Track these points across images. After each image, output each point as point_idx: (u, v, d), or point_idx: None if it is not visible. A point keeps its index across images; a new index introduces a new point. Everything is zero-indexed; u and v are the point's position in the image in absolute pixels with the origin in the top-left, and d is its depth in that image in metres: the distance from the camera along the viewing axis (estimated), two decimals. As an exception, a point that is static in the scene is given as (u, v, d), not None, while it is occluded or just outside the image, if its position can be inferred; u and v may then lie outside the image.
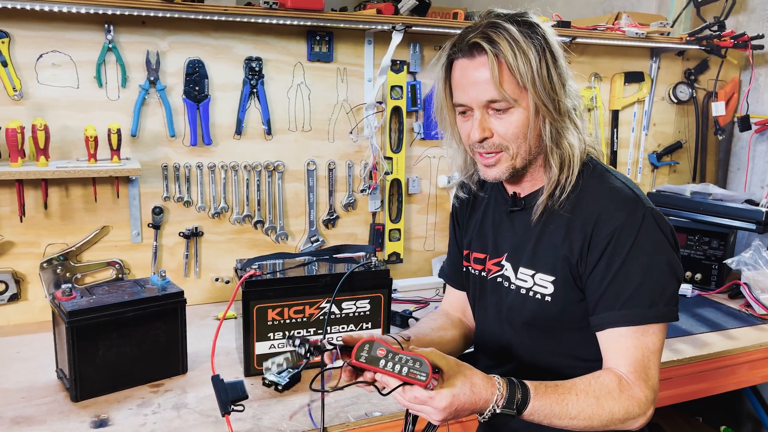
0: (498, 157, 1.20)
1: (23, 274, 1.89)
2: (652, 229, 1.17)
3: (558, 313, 1.24)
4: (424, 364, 0.99)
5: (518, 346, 1.31)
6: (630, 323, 1.15)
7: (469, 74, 1.17)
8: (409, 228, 2.37)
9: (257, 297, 1.55)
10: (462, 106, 1.21)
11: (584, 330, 1.23)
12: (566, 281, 1.22)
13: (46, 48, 1.81)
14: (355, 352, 1.02)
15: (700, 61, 2.72)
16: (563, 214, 1.21)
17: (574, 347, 1.27)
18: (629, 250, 1.15)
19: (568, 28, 2.33)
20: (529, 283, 1.26)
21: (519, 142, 1.18)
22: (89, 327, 1.44)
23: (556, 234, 1.22)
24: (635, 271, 1.15)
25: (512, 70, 1.13)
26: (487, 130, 1.18)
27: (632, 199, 1.19)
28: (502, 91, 1.13)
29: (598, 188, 1.22)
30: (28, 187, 1.83)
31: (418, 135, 2.31)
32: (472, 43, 1.15)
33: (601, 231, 1.17)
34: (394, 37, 2.07)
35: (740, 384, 1.94)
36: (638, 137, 2.71)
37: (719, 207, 2.31)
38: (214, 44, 1.98)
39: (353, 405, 1.45)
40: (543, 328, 1.27)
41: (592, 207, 1.19)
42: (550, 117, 1.16)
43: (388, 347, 1.02)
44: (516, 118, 1.16)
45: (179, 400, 1.46)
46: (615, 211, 1.17)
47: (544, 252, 1.24)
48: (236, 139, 2.06)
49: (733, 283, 2.27)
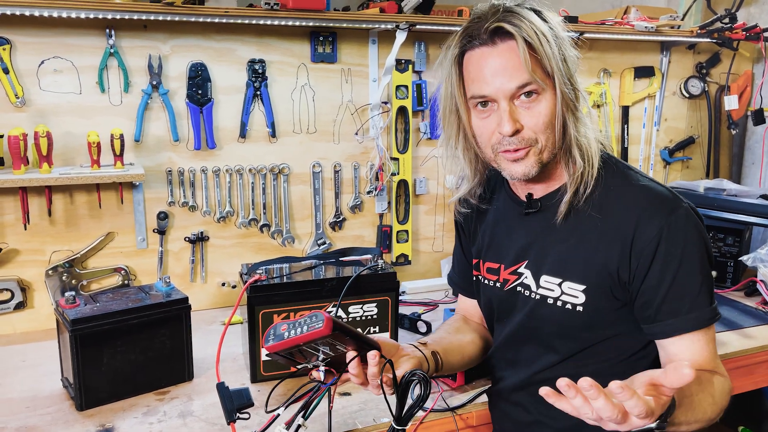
0: (527, 151, 1.12)
1: (29, 281, 1.88)
2: (695, 225, 1.12)
3: (589, 323, 1.17)
4: (318, 315, 0.98)
5: (540, 357, 1.26)
6: (698, 327, 1.10)
7: (492, 63, 1.09)
8: (417, 229, 2.34)
9: (263, 302, 1.53)
10: (483, 98, 1.12)
11: (613, 336, 1.19)
12: (600, 290, 1.15)
13: (48, 54, 1.80)
14: (264, 339, 1.03)
15: (711, 55, 2.67)
16: (592, 215, 1.14)
17: (600, 353, 1.21)
18: (683, 250, 1.09)
19: (575, 23, 2.29)
20: (556, 292, 1.19)
21: (548, 134, 1.11)
22: (93, 335, 1.42)
23: (587, 239, 1.15)
24: (694, 271, 1.10)
25: (539, 53, 1.06)
26: (518, 122, 1.10)
27: (669, 197, 1.13)
28: (533, 75, 1.06)
29: (628, 188, 1.15)
30: (32, 194, 1.82)
31: (424, 135, 2.28)
32: (494, 29, 1.08)
33: (644, 234, 1.10)
34: (398, 36, 2.04)
35: (758, 384, 1.89)
36: (649, 133, 2.66)
37: (734, 203, 2.26)
38: (216, 47, 1.96)
39: (361, 411, 1.42)
40: (571, 338, 1.21)
41: (626, 208, 1.13)
42: (573, 106, 1.11)
43: (288, 321, 1.01)
44: (544, 107, 1.10)
45: (185, 408, 1.44)
46: (655, 212, 1.10)
47: (573, 259, 1.17)
48: (240, 143, 2.04)
49: (749, 281, 2.22)
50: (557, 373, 1.25)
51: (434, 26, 2.10)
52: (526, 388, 1.29)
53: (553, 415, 1.27)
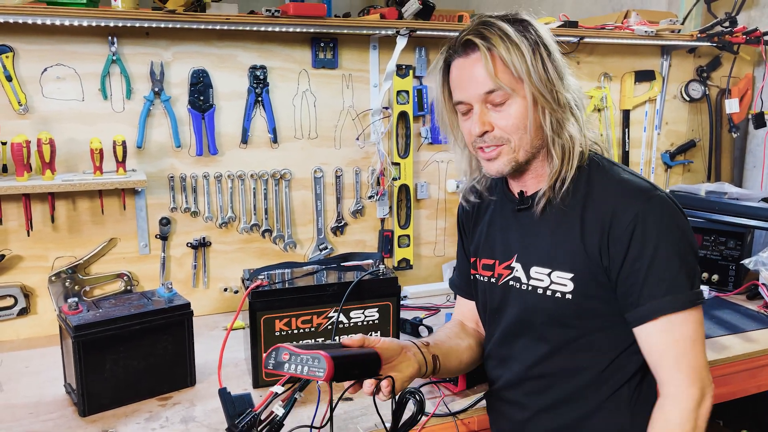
0: (499, 150, 1.21)
1: (32, 287, 1.89)
2: (673, 211, 1.17)
3: (579, 310, 1.22)
4: (321, 361, 1.01)
5: (534, 350, 1.28)
6: (675, 309, 1.13)
7: (465, 72, 1.20)
8: (419, 234, 2.35)
9: (264, 308, 1.53)
10: (462, 105, 1.22)
11: (605, 326, 1.22)
12: (587, 278, 1.20)
13: (51, 61, 1.81)
14: (264, 360, 1.06)
15: (712, 58, 2.67)
16: (576, 208, 1.21)
17: (593, 344, 1.24)
18: (658, 234, 1.14)
19: (575, 28, 2.30)
20: (545, 282, 1.24)
21: (520, 134, 1.19)
22: (96, 341, 1.43)
23: (572, 230, 1.21)
24: (670, 255, 1.14)
25: (505, 61, 1.15)
26: (487, 123, 1.19)
27: (645, 187, 1.19)
28: (497, 81, 1.15)
29: (608, 181, 1.21)
30: (35, 200, 1.83)
31: (425, 140, 2.28)
32: (465, 41, 1.18)
33: (620, 221, 1.16)
34: (398, 42, 2.05)
35: (761, 387, 1.89)
36: (650, 137, 2.66)
37: (735, 206, 2.26)
38: (218, 53, 1.97)
39: (363, 416, 1.42)
40: (563, 326, 1.24)
41: (604, 199, 1.19)
42: (549, 108, 1.17)
43: (291, 350, 1.04)
44: (515, 110, 1.18)
45: (187, 414, 1.45)
46: (631, 199, 1.17)
47: (560, 249, 1.22)
48: (242, 148, 2.05)
49: (751, 284, 2.22)
50: (551, 367, 1.26)
51: (434, 32, 2.11)
52: (521, 385, 1.31)
53: (550, 410, 1.28)
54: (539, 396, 1.29)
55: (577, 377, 1.25)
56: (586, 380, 1.24)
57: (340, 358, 1.02)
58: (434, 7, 2.11)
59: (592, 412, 1.25)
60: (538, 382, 1.29)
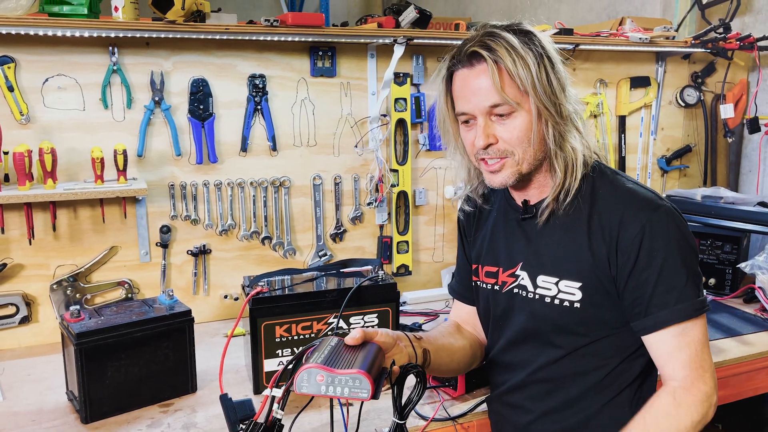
0: (503, 162, 1.21)
1: (34, 296, 1.90)
2: (678, 222, 1.19)
3: (586, 318, 1.23)
4: (363, 381, 0.98)
5: (540, 356, 1.29)
6: (686, 317, 1.16)
7: (469, 83, 1.19)
8: (417, 240, 2.36)
9: (264, 314, 1.55)
10: (465, 115, 1.22)
11: (611, 333, 1.24)
12: (594, 286, 1.21)
13: (52, 72, 1.83)
14: (296, 383, 1.01)
15: (706, 64, 2.70)
16: (582, 217, 1.22)
17: (598, 349, 1.25)
18: (666, 245, 1.16)
19: (570, 35, 2.32)
20: (553, 291, 1.25)
21: (524, 147, 1.19)
22: (98, 348, 1.44)
23: (578, 240, 1.22)
24: (678, 264, 1.16)
25: (512, 75, 1.15)
26: (491, 136, 1.19)
27: (650, 197, 1.21)
28: (504, 95, 1.15)
29: (614, 191, 1.23)
30: (37, 209, 1.85)
31: (423, 146, 2.30)
32: (471, 53, 1.18)
33: (628, 232, 1.17)
34: (396, 50, 2.07)
35: (758, 390, 1.90)
36: (646, 142, 2.68)
37: (731, 210, 2.28)
38: (217, 63, 1.99)
39: (363, 421, 1.43)
40: (570, 333, 1.25)
41: (611, 209, 1.21)
42: (553, 120, 1.18)
43: (326, 371, 1.00)
44: (519, 123, 1.18)
45: (189, 420, 1.46)
46: (638, 210, 1.18)
47: (567, 258, 1.23)
48: (242, 156, 2.07)
49: (747, 288, 2.24)
50: (556, 371, 1.27)
51: (431, 40, 2.13)
52: (525, 388, 1.32)
53: (553, 413, 1.29)
54: (543, 399, 1.30)
55: (582, 381, 1.26)
56: (590, 384, 1.26)
57: (372, 371, 1.00)
58: (431, 15, 2.13)
59: (595, 414, 1.26)
60: (542, 386, 1.30)
